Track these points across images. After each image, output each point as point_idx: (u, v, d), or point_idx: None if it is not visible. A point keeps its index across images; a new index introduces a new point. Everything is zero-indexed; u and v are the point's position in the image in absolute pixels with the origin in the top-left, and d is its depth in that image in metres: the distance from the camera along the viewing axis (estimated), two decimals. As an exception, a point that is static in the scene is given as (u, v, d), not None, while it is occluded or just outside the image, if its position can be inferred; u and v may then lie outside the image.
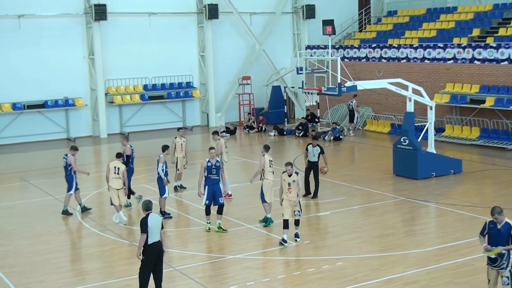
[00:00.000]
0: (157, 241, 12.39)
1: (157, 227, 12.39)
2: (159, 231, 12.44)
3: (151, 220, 12.37)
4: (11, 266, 15.18)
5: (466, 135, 29.64)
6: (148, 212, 12.52)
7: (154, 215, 12.55)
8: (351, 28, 41.30)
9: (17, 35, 32.97)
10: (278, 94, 38.06)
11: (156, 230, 12.38)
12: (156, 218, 12.52)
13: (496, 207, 11.39)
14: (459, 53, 30.81)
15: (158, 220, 12.52)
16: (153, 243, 12.36)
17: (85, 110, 35.09)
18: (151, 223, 12.34)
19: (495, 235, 11.35)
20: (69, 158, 19.35)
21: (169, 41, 36.87)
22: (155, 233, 12.37)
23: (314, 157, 20.28)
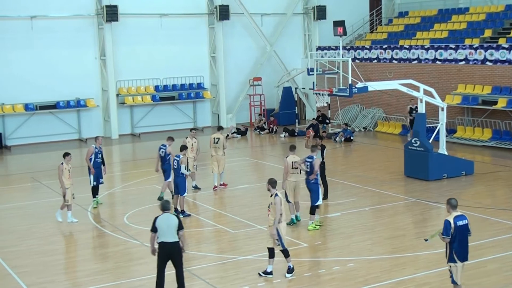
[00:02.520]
0: (168, 242, 12.39)
1: (168, 227, 12.38)
2: (172, 232, 12.40)
3: (161, 219, 12.45)
4: (23, 266, 15.26)
5: (478, 137, 29.52)
6: (163, 211, 12.57)
7: (166, 216, 12.53)
8: (362, 29, 41.23)
9: (29, 36, 33.16)
10: (289, 95, 38.05)
11: (168, 230, 12.38)
12: (167, 218, 12.47)
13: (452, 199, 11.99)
14: (471, 54, 30.69)
15: (170, 220, 12.45)
16: (161, 242, 12.44)
17: (97, 111, 35.22)
18: (159, 222, 12.42)
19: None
20: (168, 148, 20.20)
21: (180, 42, 36.95)
22: (166, 233, 12.39)
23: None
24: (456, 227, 11.61)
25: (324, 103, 26.26)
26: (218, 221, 18.54)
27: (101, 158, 20.32)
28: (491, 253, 15.01)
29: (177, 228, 12.44)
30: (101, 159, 20.29)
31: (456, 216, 11.74)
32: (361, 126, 34.76)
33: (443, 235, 11.64)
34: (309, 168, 17.33)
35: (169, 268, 14.64)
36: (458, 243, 11.63)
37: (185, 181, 18.85)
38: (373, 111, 35.36)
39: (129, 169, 27.44)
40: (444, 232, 11.62)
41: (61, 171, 18.30)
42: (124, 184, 23.99)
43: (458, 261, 11.70)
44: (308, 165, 17.36)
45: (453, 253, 11.66)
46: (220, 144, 21.93)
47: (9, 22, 32.73)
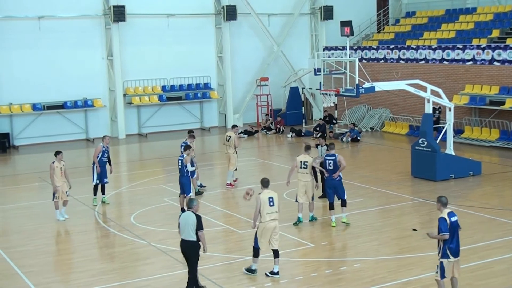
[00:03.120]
0: (186, 240, 12.66)
1: (187, 226, 12.61)
2: (189, 230, 12.60)
3: (182, 217, 12.80)
4: (30, 266, 15.30)
5: (485, 137, 29.43)
6: (188, 209, 12.87)
7: (187, 214, 12.77)
8: (369, 29, 41.18)
9: (37, 36, 33.28)
10: (296, 95, 38.03)
11: (186, 228, 12.62)
12: (187, 217, 12.72)
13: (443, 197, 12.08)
14: (479, 54, 30.60)
15: (189, 219, 12.65)
16: (181, 240, 12.79)
17: (104, 111, 35.30)
18: (181, 219, 12.78)
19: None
20: (190, 144, 20.47)
21: (187, 42, 36.99)
22: (185, 231, 12.66)
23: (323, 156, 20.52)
24: (451, 223, 11.74)
25: (331, 103, 26.23)
26: (225, 221, 18.55)
27: (108, 158, 20.47)
28: (499, 254, 14.96)
29: (195, 228, 12.58)
30: (107, 158, 20.45)
31: (448, 212, 11.87)
32: (368, 127, 34.72)
33: (441, 232, 11.64)
34: (332, 166, 17.45)
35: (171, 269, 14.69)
36: (451, 239, 11.73)
37: (190, 181, 18.85)
38: (380, 111, 35.30)
39: (136, 169, 27.48)
40: (443, 229, 11.64)
41: (52, 170, 18.61)
42: (131, 184, 24.03)
43: (451, 257, 11.76)
44: (331, 163, 17.44)
45: (446, 249, 11.73)
46: (231, 142, 22.21)
47: (17, 22, 32.84)
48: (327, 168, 17.63)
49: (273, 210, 13.84)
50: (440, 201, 11.97)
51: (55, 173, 18.61)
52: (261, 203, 13.79)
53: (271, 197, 13.88)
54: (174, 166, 25.04)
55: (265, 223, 13.78)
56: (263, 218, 13.77)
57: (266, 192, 13.96)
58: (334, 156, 17.59)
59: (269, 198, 13.85)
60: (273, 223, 13.82)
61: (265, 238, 13.87)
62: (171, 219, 18.69)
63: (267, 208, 13.78)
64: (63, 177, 18.84)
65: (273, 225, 13.83)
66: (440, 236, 11.65)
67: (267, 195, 13.87)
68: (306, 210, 18.05)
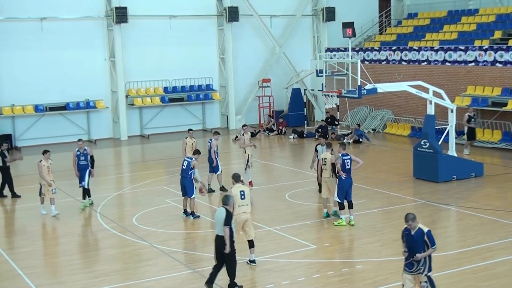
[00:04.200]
0: (219, 235, 13.10)
1: (218, 221, 13.09)
2: (219, 225, 13.04)
3: (216, 214, 13.32)
4: (33, 267, 15.32)
5: (487, 138, 29.41)
6: (222, 205, 13.25)
7: (220, 210, 13.21)
8: (371, 30, 41.17)
9: (39, 37, 33.33)
10: (298, 97, 38.03)
11: (218, 223, 13.08)
12: (220, 212, 13.16)
13: (409, 214, 11.42)
14: (481, 56, 30.59)
15: (220, 215, 13.10)
16: (216, 235, 13.22)
17: (106, 112, 35.34)
18: (215, 215, 13.33)
19: (409, 241, 11.38)
20: (213, 142, 21.56)
21: (189, 44, 37.01)
22: (217, 226, 13.13)
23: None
24: None
25: (333, 105, 26.22)
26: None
27: (87, 161, 20.40)
28: (501, 255, 14.95)
29: (222, 223, 13.01)
30: (85, 162, 20.37)
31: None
32: (370, 128, 34.70)
33: (432, 245, 11.27)
34: (349, 166, 17.73)
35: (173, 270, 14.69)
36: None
37: (193, 183, 18.82)
38: (382, 112, 35.29)
39: (138, 170, 27.49)
40: (433, 242, 11.28)
41: (40, 168, 19.56)
42: (133, 185, 24.04)
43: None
44: (349, 163, 17.71)
45: (431, 261, 11.46)
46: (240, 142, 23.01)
47: (19, 23, 32.88)
48: (345, 168, 17.75)
49: (244, 203, 14.44)
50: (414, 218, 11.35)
51: (42, 171, 19.55)
52: (233, 197, 14.25)
53: (242, 190, 14.51)
54: (176, 167, 25.06)
55: (237, 215, 14.33)
56: (236, 211, 14.29)
57: (237, 186, 14.59)
58: (349, 155, 17.89)
59: (240, 192, 14.47)
60: (244, 216, 14.45)
61: (237, 230, 14.39)
62: (173, 220, 18.72)
63: (239, 201, 14.38)
64: (50, 175, 19.68)
65: (244, 218, 14.45)
66: (432, 250, 11.30)
67: (238, 189, 14.50)
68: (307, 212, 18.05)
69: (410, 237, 11.37)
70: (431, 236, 11.30)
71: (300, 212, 19.50)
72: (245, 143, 22.76)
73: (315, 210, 19.72)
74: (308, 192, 21.69)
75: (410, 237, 11.37)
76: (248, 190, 14.72)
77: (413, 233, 11.33)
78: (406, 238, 11.47)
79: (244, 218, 14.47)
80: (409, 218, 11.34)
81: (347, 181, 17.82)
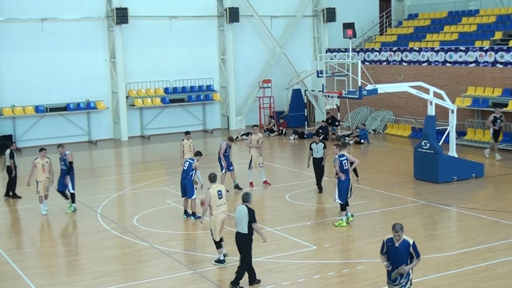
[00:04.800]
0: (239, 232, 13.33)
1: (239, 219, 13.29)
2: (241, 223, 13.26)
3: (237, 211, 13.46)
4: (33, 268, 15.32)
5: (488, 139, 29.35)
6: (243, 202, 13.47)
7: (241, 208, 13.40)
8: (372, 31, 41.17)
9: (40, 38, 33.33)
10: (299, 97, 38.03)
11: (240, 221, 13.29)
12: (241, 210, 13.34)
13: (397, 224, 10.93)
14: (481, 56, 30.58)
15: (241, 212, 13.30)
16: (236, 232, 13.46)
17: (107, 113, 35.34)
18: (236, 213, 13.48)
19: (393, 253, 10.92)
20: (222, 145, 21.81)
21: (190, 45, 37.02)
22: (238, 224, 13.35)
23: (318, 153, 21.52)
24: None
25: (334, 105, 26.22)
26: (228, 223, 18.45)
27: (66, 166, 20.02)
28: (502, 256, 14.94)
29: (247, 221, 13.18)
30: (65, 167, 20.03)
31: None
32: (371, 129, 34.70)
33: (418, 257, 10.88)
34: (347, 166, 17.93)
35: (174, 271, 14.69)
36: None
37: (193, 184, 18.83)
38: (382, 113, 35.28)
39: (138, 171, 27.49)
40: (418, 254, 10.90)
41: (34, 166, 19.99)
42: (134, 186, 24.05)
43: None
44: (346, 163, 17.92)
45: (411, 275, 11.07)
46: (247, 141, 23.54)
47: (20, 24, 32.89)
48: (343, 169, 17.83)
49: (222, 202, 14.72)
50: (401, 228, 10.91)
51: (36, 168, 19.89)
52: (211, 197, 14.54)
53: (219, 190, 14.73)
54: (176, 168, 25.08)
55: (216, 215, 14.59)
56: (214, 211, 14.58)
57: (215, 186, 14.76)
58: (345, 156, 17.98)
59: (217, 192, 14.67)
60: (222, 215, 14.69)
61: (217, 229, 14.66)
62: (174, 221, 18.72)
63: (217, 201, 14.62)
64: (45, 173, 19.95)
65: (222, 217, 14.70)
66: (417, 262, 10.93)
67: (215, 189, 14.67)
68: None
69: (393, 248, 10.92)
70: (416, 248, 10.90)
71: (300, 212, 19.50)
72: (251, 143, 22.81)
73: (315, 211, 19.73)
74: (308, 193, 21.69)
75: (393, 248, 10.92)
76: (224, 190, 14.96)
77: (397, 244, 10.89)
78: (389, 249, 10.99)
79: (222, 218, 14.70)
80: (398, 229, 10.85)
81: (346, 182, 17.86)
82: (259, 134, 23.17)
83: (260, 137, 23.09)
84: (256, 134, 23.02)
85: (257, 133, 23.09)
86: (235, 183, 22.24)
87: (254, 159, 22.72)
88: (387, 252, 11.05)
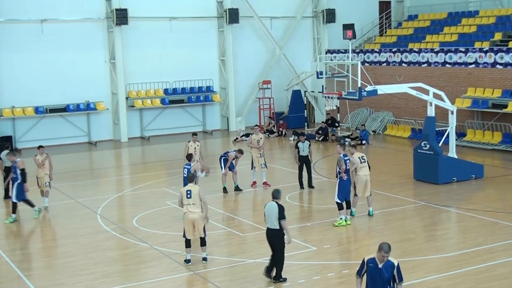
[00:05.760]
0: (270, 228, 13.61)
1: (271, 215, 13.54)
2: (272, 219, 13.51)
3: (267, 208, 13.74)
4: (33, 269, 15.32)
5: (487, 140, 29.41)
6: (273, 199, 13.74)
7: (271, 204, 13.66)
8: (372, 32, 41.19)
9: (40, 39, 33.33)
10: (298, 99, 38.03)
11: (270, 217, 13.56)
12: (271, 207, 13.62)
13: (385, 244, 9.91)
14: (481, 57, 30.59)
15: (272, 209, 13.56)
16: (267, 228, 13.77)
17: (106, 114, 35.34)
18: (266, 210, 13.75)
19: (374, 274, 9.93)
20: (230, 155, 21.80)
21: (190, 46, 37.03)
22: (269, 220, 13.61)
23: (304, 152, 21.98)
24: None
25: (333, 107, 26.25)
26: (227, 224, 18.55)
27: (16, 174, 19.58)
28: (502, 257, 14.93)
29: (277, 217, 13.43)
30: (15, 175, 19.61)
31: None
32: (371, 130, 34.70)
33: (400, 281, 10.02)
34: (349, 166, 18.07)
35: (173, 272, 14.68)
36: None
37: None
38: (382, 114, 35.29)
39: (138, 172, 27.48)
40: (401, 277, 10.05)
41: (37, 161, 20.75)
42: (134, 187, 24.04)
43: None
44: (348, 163, 18.05)
45: None
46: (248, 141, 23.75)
47: (20, 25, 32.89)
48: (346, 168, 17.98)
49: (190, 202, 14.78)
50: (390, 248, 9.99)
51: (36, 164, 20.69)
52: (181, 195, 14.90)
53: (188, 190, 14.88)
54: (176, 169, 25.10)
55: (185, 214, 14.89)
56: (184, 209, 14.91)
57: (188, 186, 15.05)
58: (347, 156, 18.20)
59: (187, 191, 14.89)
60: (190, 215, 14.77)
61: (187, 228, 14.94)
62: (174, 222, 18.70)
63: (185, 200, 14.85)
64: (45, 169, 20.54)
65: (190, 217, 14.78)
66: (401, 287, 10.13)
67: (185, 188, 14.99)
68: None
69: (376, 270, 9.88)
70: (400, 271, 9.95)
71: (300, 213, 19.50)
72: (251, 143, 22.80)
73: (315, 212, 19.72)
74: (308, 194, 21.69)
75: (376, 270, 9.88)
76: (197, 191, 14.83)
77: (380, 266, 9.88)
78: (370, 271, 9.96)
79: (190, 218, 14.78)
80: (386, 249, 9.82)
81: (348, 182, 17.95)
82: (260, 134, 23.10)
83: (261, 137, 23.02)
84: (257, 134, 22.98)
85: (258, 133, 23.04)
86: (236, 184, 22.22)
87: (255, 160, 22.70)
88: (367, 273, 10.02)
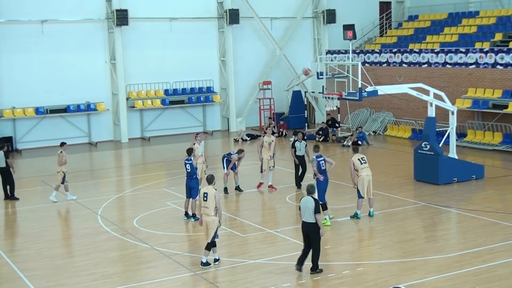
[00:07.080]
0: (306, 222, 14.04)
1: (306, 209, 13.97)
2: (309, 213, 13.94)
3: (302, 202, 14.15)
4: (33, 270, 15.31)
5: (488, 140, 29.40)
6: (308, 194, 14.21)
7: (307, 199, 14.10)
8: (372, 32, 41.19)
9: (40, 40, 33.35)
10: (299, 99, 38.02)
11: (306, 211, 13.98)
12: (307, 201, 14.06)
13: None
14: (481, 58, 30.59)
15: (308, 203, 13.99)
16: (302, 222, 14.18)
17: (107, 115, 35.34)
18: (301, 203, 14.16)
19: None
20: (233, 157, 21.89)
21: (190, 46, 37.03)
22: (305, 214, 14.03)
23: (301, 151, 22.23)
24: None
25: (334, 107, 26.25)
26: (228, 225, 18.54)
27: None
28: (502, 258, 14.93)
29: (313, 211, 13.87)
30: None
31: None
32: (371, 130, 34.70)
33: None
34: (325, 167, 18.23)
35: (174, 272, 14.68)
36: None
37: (198, 184, 18.86)
38: (382, 115, 35.28)
39: (138, 172, 27.49)
40: None
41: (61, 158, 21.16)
42: (134, 188, 24.05)
43: None
44: (324, 164, 18.24)
45: None
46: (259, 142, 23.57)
47: (20, 26, 32.90)
48: (321, 169, 18.17)
49: (205, 205, 14.76)
50: None
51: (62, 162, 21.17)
52: (199, 197, 15.04)
53: (205, 192, 14.82)
54: (176, 169, 25.13)
55: (201, 215, 14.92)
56: (201, 211, 14.93)
57: (205, 188, 14.97)
58: (322, 157, 18.40)
59: (203, 194, 14.86)
60: (205, 217, 14.77)
61: (205, 231, 14.92)
62: (174, 222, 18.72)
63: (202, 202, 14.90)
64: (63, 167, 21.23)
65: (205, 220, 14.77)
66: None
67: (203, 191, 14.95)
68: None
69: None
70: None
71: (300, 214, 19.48)
72: (262, 145, 22.63)
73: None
74: (308, 195, 21.66)
75: None
76: (213, 193, 14.69)
77: None
78: None
79: (204, 220, 14.78)
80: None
81: (325, 183, 18.23)
82: (272, 137, 22.79)
83: (272, 139, 22.71)
84: (269, 136, 22.71)
85: (270, 135, 22.79)
86: (237, 184, 22.20)
87: (266, 162, 22.51)
88: None
